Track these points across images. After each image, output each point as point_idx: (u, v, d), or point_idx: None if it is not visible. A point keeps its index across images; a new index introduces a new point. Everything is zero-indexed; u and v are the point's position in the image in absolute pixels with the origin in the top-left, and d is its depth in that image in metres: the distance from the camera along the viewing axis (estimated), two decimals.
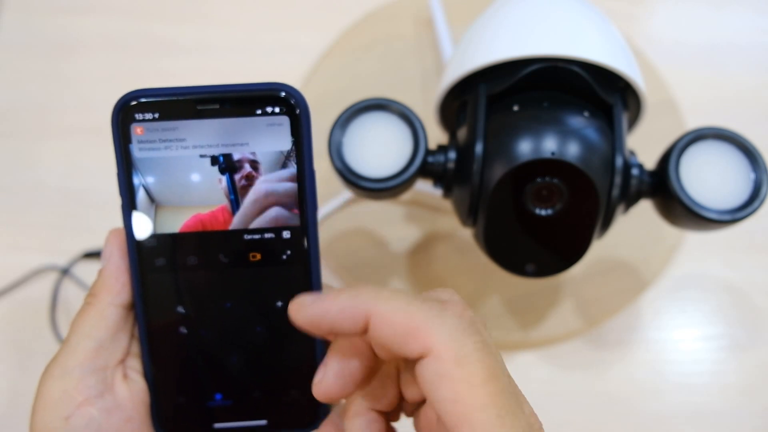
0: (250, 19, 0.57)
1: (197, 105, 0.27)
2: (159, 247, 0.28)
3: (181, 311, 0.29)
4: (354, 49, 0.54)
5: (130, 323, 0.29)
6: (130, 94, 0.28)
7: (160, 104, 0.28)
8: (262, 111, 0.28)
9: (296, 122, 0.28)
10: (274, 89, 0.28)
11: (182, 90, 0.27)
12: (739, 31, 0.58)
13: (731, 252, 0.51)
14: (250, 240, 0.28)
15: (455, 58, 0.39)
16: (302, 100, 0.28)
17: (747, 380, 0.47)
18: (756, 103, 0.56)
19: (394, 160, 0.36)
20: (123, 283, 0.28)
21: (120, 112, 0.28)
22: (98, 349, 0.28)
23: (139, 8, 0.56)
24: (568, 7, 0.38)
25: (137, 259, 0.28)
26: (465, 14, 0.54)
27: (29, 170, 0.51)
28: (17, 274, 0.48)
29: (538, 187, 0.35)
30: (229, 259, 0.29)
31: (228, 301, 0.29)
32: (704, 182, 0.36)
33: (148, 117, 0.28)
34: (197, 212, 0.28)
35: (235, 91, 0.27)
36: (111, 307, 0.28)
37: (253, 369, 0.29)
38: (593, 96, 0.36)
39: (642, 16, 0.59)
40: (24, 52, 0.54)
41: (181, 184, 0.28)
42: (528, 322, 0.47)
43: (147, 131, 0.28)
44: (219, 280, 0.29)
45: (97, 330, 0.28)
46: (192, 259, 0.29)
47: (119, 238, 0.29)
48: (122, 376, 0.28)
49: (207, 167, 0.28)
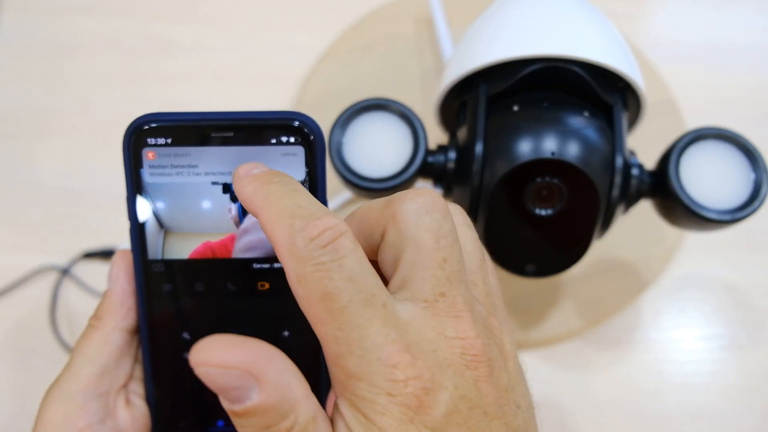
0: (250, 19, 0.57)
1: (211, 132, 0.27)
2: (167, 272, 0.28)
3: (187, 337, 0.29)
4: (354, 49, 0.54)
5: (134, 347, 0.29)
6: (143, 117, 0.27)
7: (173, 129, 0.27)
8: (276, 140, 0.27)
9: (311, 153, 0.27)
10: (290, 118, 0.27)
11: (196, 116, 0.27)
12: (739, 31, 0.58)
13: (731, 252, 0.51)
14: (259, 269, 0.28)
15: (455, 58, 0.39)
16: (318, 130, 0.27)
17: (747, 380, 0.47)
18: (756, 103, 0.56)
19: (394, 160, 0.36)
20: (129, 307, 0.28)
21: (132, 136, 0.27)
22: (101, 375, 0.27)
23: (139, 8, 0.56)
24: (568, 7, 0.38)
25: (144, 283, 0.28)
26: (465, 14, 0.54)
27: (29, 170, 0.51)
28: (17, 274, 0.48)
29: (538, 187, 0.35)
30: (237, 288, 0.28)
31: (234, 329, 0.28)
32: (704, 182, 0.36)
33: (160, 142, 0.27)
34: (207, 240, 0.28)
35: (250, 119, 0.27)
36: (116, 332, 0.28)
37: None
38: (593, 96, 0.36)
39: (642, 16, 0.59)
40: (24, 52, 0.54)
41: (191, 210, 0.28)
42: (528, 322, 0.47)
43: (159, 156, 0.27)
44: (226, 308, 0.28)
45: (101, 355, 0.27)
46: (199, 285, 0.28)
47: (126, 260, 0.28)
48: (125, 401, 0.28)
49: (218, 195, 0.27)
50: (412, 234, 0.22)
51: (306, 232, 0.21)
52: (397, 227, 0.23)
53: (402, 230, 0.23)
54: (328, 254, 0.21)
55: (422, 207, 0.23)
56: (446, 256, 0.22)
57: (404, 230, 0.23)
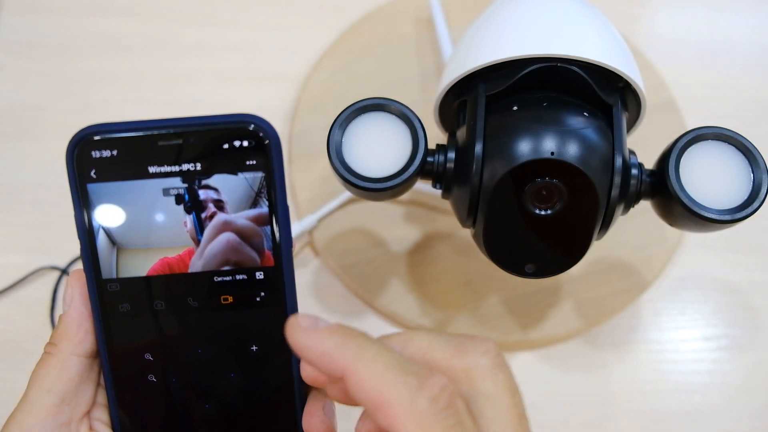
0: (250, 19, 0.57)
1: (159, 141, 0.25)
2: (123, 291, 0.27)
3: (149, 359, 0.27)
4: (354, 49, 0.54)
5: (95, 372, 0.28)
6: (86, 129, 0.26)
7: (119, 141, 0.25)
8: (229, 146, 0.26)
9: (266, 156, 0.26)
10: (242, 121, 0.25)
11: (142, 125, 0.25)
12: (739, 31, 0.58)
13: (731, 252, 0.51)
14: (220, 282, 0.27)
15: (455, 58, 0.39)
16: (272, 132, 0.26)
17: (747, 380, 0.47)
18: (756, 103, 0.56)
19: (394, 160, 0.36)
20: (86, 330, 0.27)
21: (75, 150, 0.26)
22: (60, 404, 0.26)
23: (139, 8, 0.56)
24: (568, 7, 0.38)
25: (100, 304, 0.27)
26: (465, 14, 0.54)
27: (29, 170, 0.51)
28: (17, 274, 0.48)
29: (537, 187, 0.35)
30: (199, 303, 0.27)
31: (199, 347, 0.27)
32: (704, 182, 0.36)
33: (106, 155, 0.25)
34: (164, 255, 0.26)
35: (199, 124, 0.25)
36: (73, 357, 0.26)
37: (228, 418, 0.28)
38: (593, 96, 0.36)
39: (642, 16, 0.59)
40: (24, 52, 0.54)
41: (143, 225, 0.26)
42: (528, 322, 0.47)
43: (105, 169, 0.26)
44: (188, 325, 0.27)
45: (59, 383, 0.26)
46: (159, 303, 0.27)
47: (80, 281, 0.27)
48: (88, 429, 0.27)
49: (171, 207, 0.26)
50: (490, 392, 0.23)
51: (426, 391, 0.21)
52: (472, 383, 0.23)
53: (478, 387, 0.23)
54: (453, 417, 0.21)
55: (495, 364, 0.23)
56: (521, 412, 0.23)
57: (481, 387, 0.23)
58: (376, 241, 0.49)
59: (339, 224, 0.49)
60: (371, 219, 0.49)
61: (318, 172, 0.50)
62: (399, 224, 0.49)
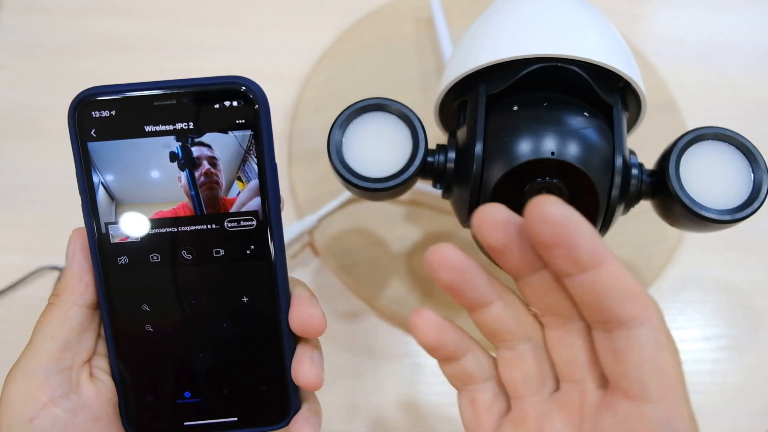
0: (250, 19, 0.57)
1: (154, 101, 0.27)
2: (121, 245, 0.28)
3: (147, 309, 0.29)
4: (354, 49, 0.54)
5: (96, 323, 0.29)
6: (86, 91, 0.27)
7: (117, 101, 0.27)
8: (220, 106, 0.27)
9: (255, 115, 0.28)
10: (232, 83, 0.27)
11: (138, 86, 0.27)
12: (739, 31, 0.58)
13: (731, 252, 0.51)
14: (213, 236, 0.28)
15: (455, 58, 0.39)
16: (261, 94, 0.28)
17: (747, 380, 0.47)
18: (756, 103, 0.56)
19: (394, 160, 0.36)
20: (86, 282, 0.28)
21: (76, 110, 0.27)
22: (62, 350, 0.27)
23: (139, 8, 0.56)
24: (568, 7, 0.38)
25: (99, 258, 0.28)
26: (465, 14, 0.54)
27: (29, 170, 0.51)
28: (17, 274, 0.48)
29: (537, 187, 0.35)
30: (192, 255, 0.29)
31: (193, 298, 0.29)
32: (704, 182, 0.36)
33: (104, 114, 0.27)
34: (159, 210, 0.28)
35: (193, 85, 0.27)
36: (75, 307, 0.28)
37: (221, 366, 0.29)
38: (593, 96, 0.36)
39: (642, 16, 0.59)
40: (24, 52, 0.54)
41: (140, 181, 0.28)
42: None
43: (104, 129, 0.27)
44: (182, 276, 0.29)
45: (61, 331, 0.28)
46: (155, 256, 0.28)
47: (81, 237, 0.29)
48: (88, 376, 0.28)
49: (166, 164, 0.28)
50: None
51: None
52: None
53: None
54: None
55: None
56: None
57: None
58: (376, 241, 0.49)
59: (339, 224, 0.49)
60: (371, 219, 0.49)
61: (318, 172, 0.50)
62: (399, 224, 0.49)
